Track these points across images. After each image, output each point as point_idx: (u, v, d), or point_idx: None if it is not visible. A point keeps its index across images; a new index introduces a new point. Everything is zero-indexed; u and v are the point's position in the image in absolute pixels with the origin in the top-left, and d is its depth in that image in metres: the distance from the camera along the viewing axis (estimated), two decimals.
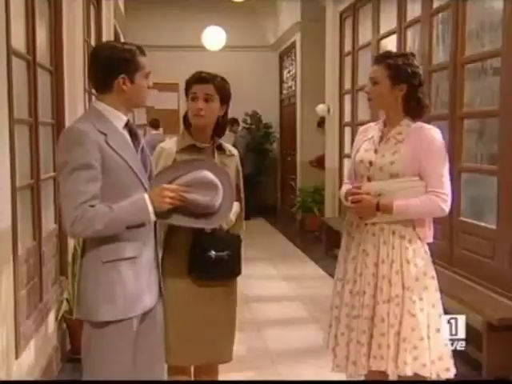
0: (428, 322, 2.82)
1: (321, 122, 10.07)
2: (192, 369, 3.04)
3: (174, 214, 2.44)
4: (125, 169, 2.37)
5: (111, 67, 2.39)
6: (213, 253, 2.78)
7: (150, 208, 2.34)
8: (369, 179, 2.92)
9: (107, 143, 2.33)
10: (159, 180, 2.46)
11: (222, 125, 2.96)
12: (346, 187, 3.05)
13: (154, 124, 10.48)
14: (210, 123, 2.89)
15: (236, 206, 2.92)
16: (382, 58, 2.92)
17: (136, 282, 2.40)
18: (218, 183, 2.52)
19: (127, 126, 2.47)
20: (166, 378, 2.75)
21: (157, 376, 2.61)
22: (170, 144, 2.92)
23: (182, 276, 2.81)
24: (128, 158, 2.38)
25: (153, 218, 2.36)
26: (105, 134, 2.34)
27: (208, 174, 2.50)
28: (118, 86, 2.40)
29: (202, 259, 2.77)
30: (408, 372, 2.76)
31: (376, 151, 2.92)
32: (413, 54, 3.00)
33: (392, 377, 2.80)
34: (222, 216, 2.58)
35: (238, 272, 2.94)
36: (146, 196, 2.36)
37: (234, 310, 3.00)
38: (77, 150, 2.27)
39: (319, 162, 10.13)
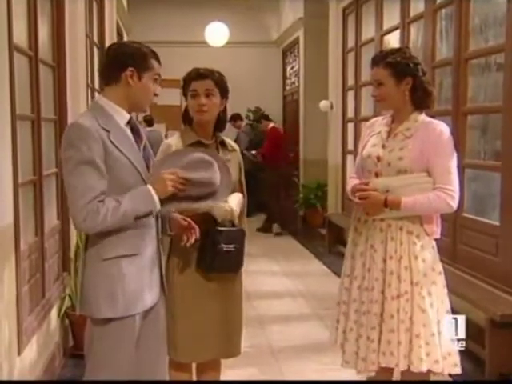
0: (438, 317, 2.82)
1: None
2: (194, 364, 3.05)
3: (175, 201, 2.45)
4: (127, 166, 2.37)
5: (121, 60, 2.40)
6: (223, 246, 2.79)
7: (155, 197, 2.35)
8: (376, 175, 2.91)
9: (110, 140, 2.33)
10: (154, 171, 2.45)
11: (223, 120, 2.98)
12: (352, 182, 3.04)
13: (148, 121, 10.49)
14: (212, 118, 2.90)
15: (239, 197, 2.95)
16: (380, 59, 2.90)
17: (137, 279, 2.39)
18: (213, 161, 2.53)
19: (129, 123, 2.47)
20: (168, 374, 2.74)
21: (160, 374, 2.60)
22: (176, 141, 2.92)
23: (190, 271, 2.82)
24: (130, 155, 2.38)
25: (158, 205, 2.37)
26: (108, 131, 2.34)
27: (201, 154, 2.52)
28: (125, 79, 2.40)
29: (213, 252, 2.78)
30: (424, 368, 2.75)
31: (384, 146, 2.91)
32: (407, 47, 2.99)
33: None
34: (223, 193, 2.59)
35: (242, 264, 2.97)
36: (149, 185, 2.37)
37: (241, 303, 3.03)
38: (81, 146, 2.27)
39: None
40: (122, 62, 2.40)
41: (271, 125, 10.19)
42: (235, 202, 2.91)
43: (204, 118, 2.88)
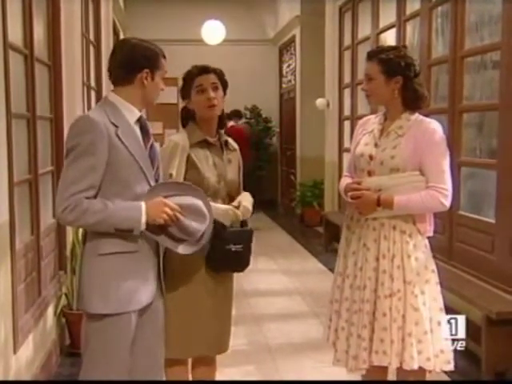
0: (430, 315, 2.83)
1: (230, 115, 10.03)
2: (189, 360, 3.05)
3: (161, 233, 2.44)
4: (131, 163, 2.38)
5: (138, 60, 2.42)
6: (232, 246, 2.81)
7: (143, 218, 2.34)
8: (369, 173, 2.91)
9: (117, 135, 2.34)
10: (156, 191, 2.43)
11: (223, 117, 2.97)
12: (345, 181, 3.04)
13: None
14: (219, 113, 2.90)
15: (248, 195, 2.99)
16: (374, 54, 2.92)
17: (132, 277, 2.39)
18: (208, 215, 2.52)
19: (139, 121, 2.48)
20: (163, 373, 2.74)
21: (156, 374, 2.60)
22: (182, 139, 2.88)
23: (187, 269, 2.82)
24: (135, 152, 2.39)
25: (143, 227, 2.36)
26: (116, 126, 2.36)
27: (202, 205, 2.50)
28: (139, 80, 2.43)
29: (222, 252, 2.79)
30: (415, 366, 2.76)
31: (376, 145, 2.91)
32: (404, 46, 3.01)
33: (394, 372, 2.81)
34: (200, 246, 2.57)
35: (249, 263, 2.97)
36: (143, 205, 2.36)
37: (232, 300, 3.04)
38: (84, 138, 2.29)
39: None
40: (137, 64, 2.42)
41: (230, 123, 9.95)
42: (248, 199, 2.96)
43: (216, 111, 2.87)
